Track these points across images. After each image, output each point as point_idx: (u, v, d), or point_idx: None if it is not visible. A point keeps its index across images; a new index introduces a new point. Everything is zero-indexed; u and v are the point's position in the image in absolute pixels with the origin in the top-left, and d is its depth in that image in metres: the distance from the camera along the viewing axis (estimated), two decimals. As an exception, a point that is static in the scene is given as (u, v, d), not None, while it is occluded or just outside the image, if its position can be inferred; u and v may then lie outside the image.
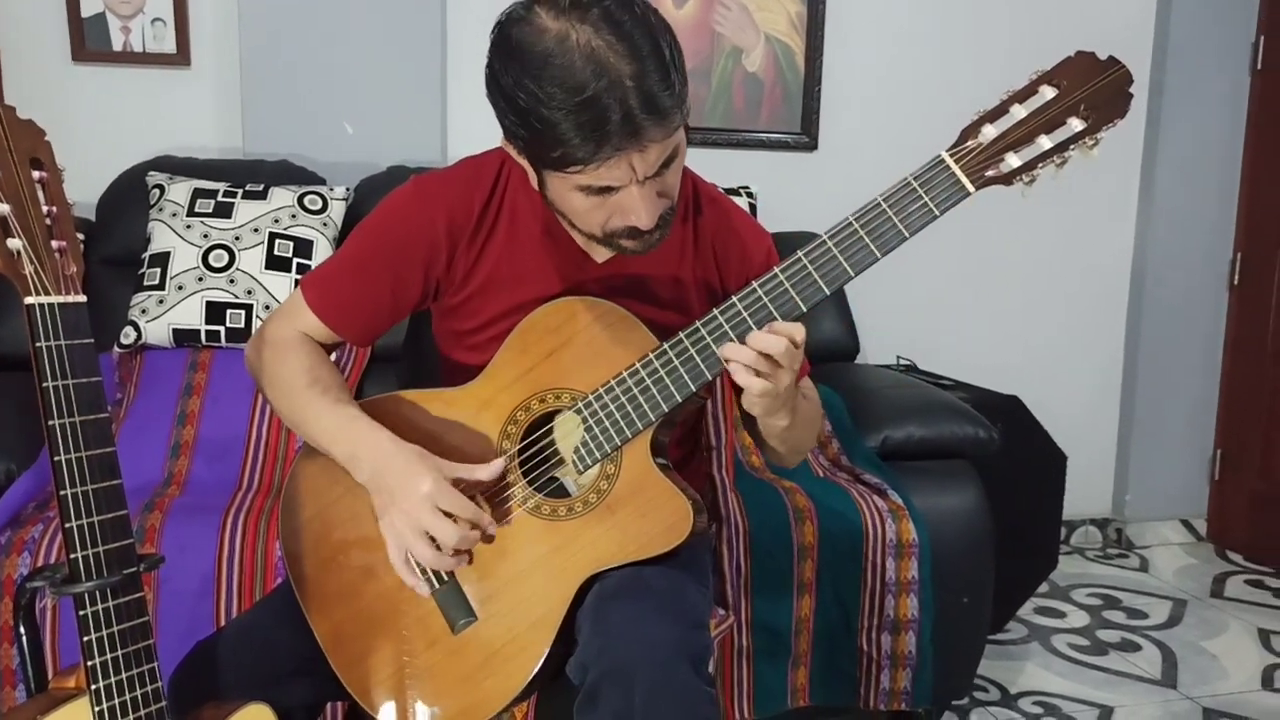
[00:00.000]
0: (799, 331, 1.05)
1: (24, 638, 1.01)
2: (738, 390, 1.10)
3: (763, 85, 2.76)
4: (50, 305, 0.92)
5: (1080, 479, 2.69)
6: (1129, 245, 3.11)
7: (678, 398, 1.10)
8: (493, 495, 1.15)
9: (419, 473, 1.08)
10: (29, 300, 0.91)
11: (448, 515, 1.08)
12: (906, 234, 1.05)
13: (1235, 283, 3.12)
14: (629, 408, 1.11)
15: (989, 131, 1.04)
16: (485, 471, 1.12)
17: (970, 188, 1.04)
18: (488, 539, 1.13)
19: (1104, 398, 3.16)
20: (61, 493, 0.91)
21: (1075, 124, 1.03)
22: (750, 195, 2.44)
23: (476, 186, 1.22)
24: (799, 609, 1.81)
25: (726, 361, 1.07)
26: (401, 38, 2.45)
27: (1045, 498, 2.42)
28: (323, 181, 2.29)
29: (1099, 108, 1.02)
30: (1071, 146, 1.03)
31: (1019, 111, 1.04)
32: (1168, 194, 3.04)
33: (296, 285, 1.27)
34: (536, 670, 1.10)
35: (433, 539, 1.09)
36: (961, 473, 2.01)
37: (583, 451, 1.14)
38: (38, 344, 0.91)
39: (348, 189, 2.22)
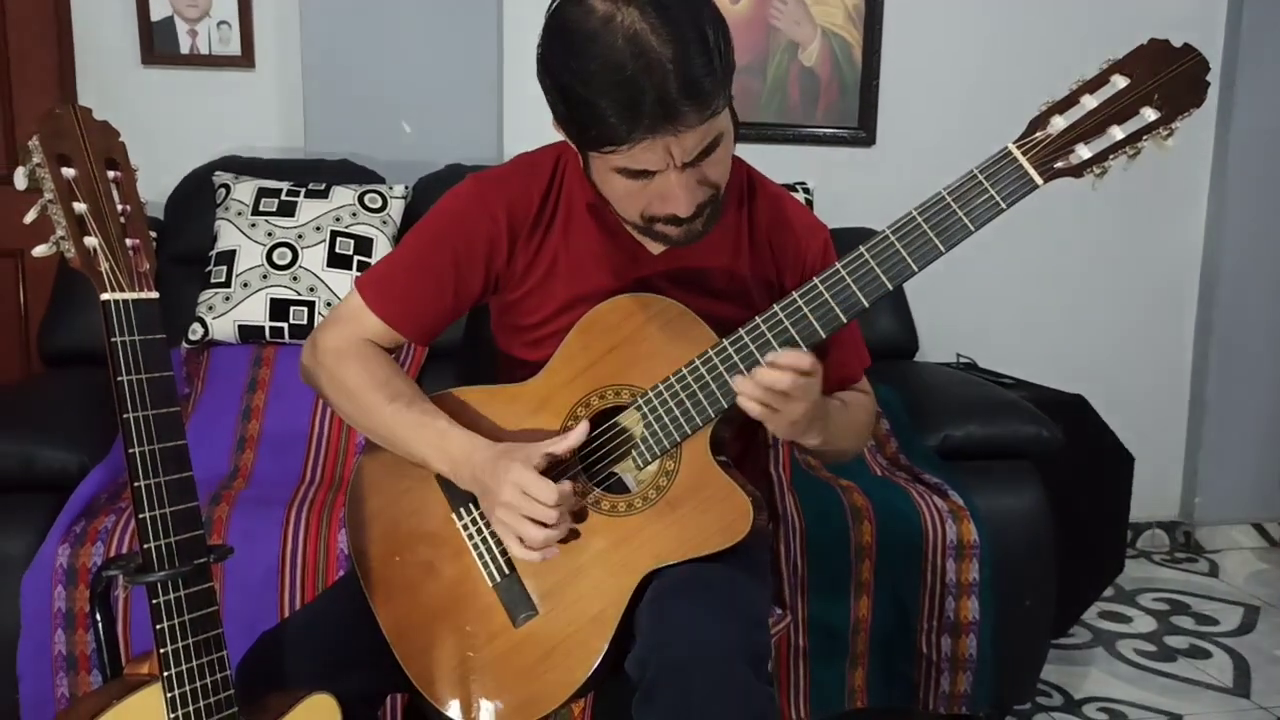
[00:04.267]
0: (805, 360, 1.04)
1: (99, 625, 1.04)
2: None
3: (819, 80, 2.73)
4: (125, 301, 0.94)
5: (1147, 480, 2.61)
6: (1199, 239, 3.02)
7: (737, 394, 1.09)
8: None
9: (507, 465, 1.09)
10: (105, 296, 0.93)
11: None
12: (971, 228, 1.04)
13: (1311, 278, 3.02)
14: (689, 404, 1.11)
15: (1058, 122, 1.02)
16: (571, 438, 1.12)
17: (1038, 180, 1.02)
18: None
19: (1172, 397, 3.07)
20: (135, 484, 0.93)
21: (1149, 114, 1.00)
22: (807, 191, 2.42)
23: (534, 181, 1.23)
24: (857, 609, 1.79)
25: (737, 395, 1.06)
26: (458, 38, 2.47)
27: (1111, 499, 2.37)
28: (382, 180, 2.32)
29: (1173, 97, 1.00)
30: (1145, 137, 1.00)
31: (1089, 102, 1.01)
32: (1240, 187, 2.95)
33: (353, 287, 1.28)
34: (595, 666, 1.10)
35: (537, 523, 1.09)
36: (1024, 473, 1.97)
37: (642, 447, 1.14)
38: (113, 339, 0.93)
39: (406, 187, 2.25)
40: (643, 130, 1.00)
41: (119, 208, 0.96)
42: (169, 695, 0.95)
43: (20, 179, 0.93)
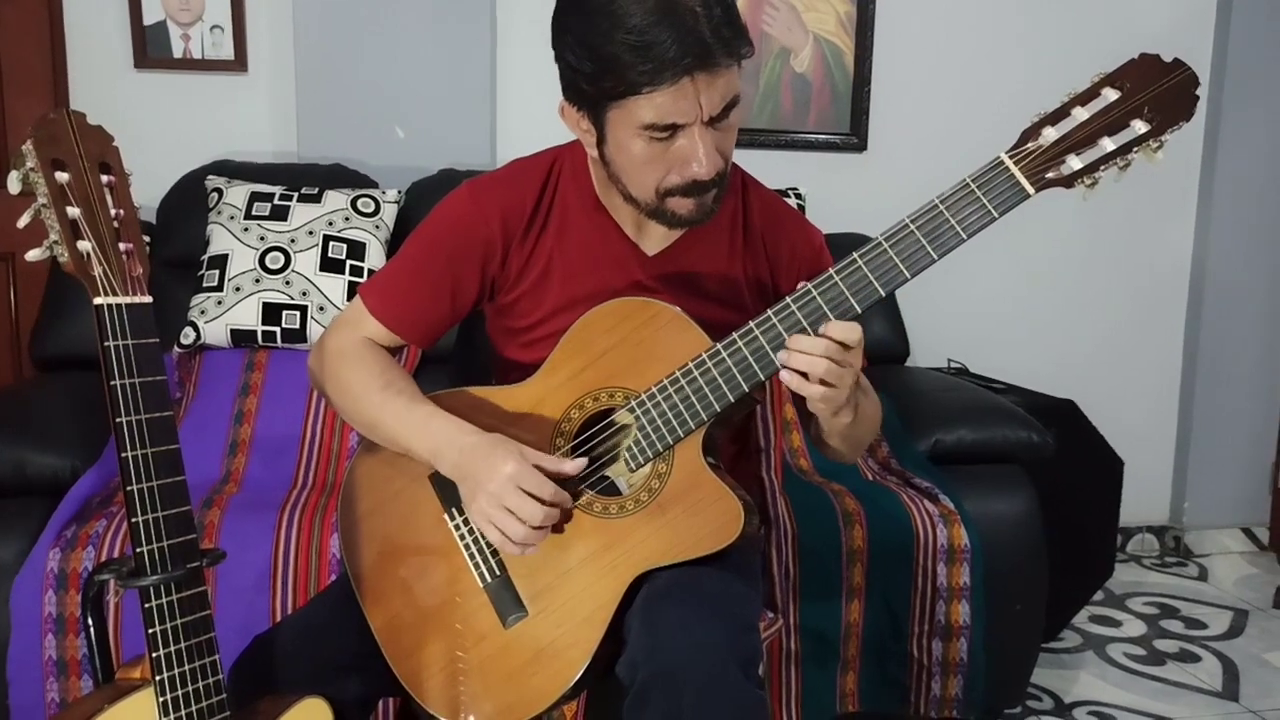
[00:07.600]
0: (855, 331, 1.05)
1: (91, 629, 1.03)
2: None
3: (811, 86, 2.74)
4: (117, 306, 0.94)
5: (1137, 485, 2.63)
6: (1188, 247, 3.04)
7: (730, 398, 1.10)
8: None
9: (502, 456, 1.10)
10: (97, 301, 0.93)
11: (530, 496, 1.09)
12: (964, 236, 1.05)
13: (1299, 285, 3.04)
14: (682, 407, 1.11)
15: (1050, 133, 1.03)
16: (570, 466, 1.12)
17: (1030, 190, 1.03)
18: (556, 527, 1.14)
19: (1162, 402, 3.09)
20: (128, 488, 0.93)
21: (1139, 126, 1.01)
22: (799, 197, 2.43)
23: (527, 185, 1.25)
24: (848, 613, 1.80)
25: (784, 365, 1.06)
26: (451, 43, 2.47)
27: (1101, 504, 2.37)
28: (375, 184, 2.32)
29: (1163, 110, 1.01)
30: (1135, 149, 1.02)
31: (1081, 113, 1.03)
32: (1228, 195, 2.97)
33: (354, 290, 1.29)
34: (584, 668, 1.11)
35: (519, 519, 1.09)
36: (1014, 477, 1.98)
37: (635, 450, 1.14)
38: (105, 343, 0.93)
39: (399, 192, 2.25)
40: (680, 69, 1.04)
41: (112, 212, 0.96)
42: (161, 700, 0.95)
43: (14, 183, 0.93)
